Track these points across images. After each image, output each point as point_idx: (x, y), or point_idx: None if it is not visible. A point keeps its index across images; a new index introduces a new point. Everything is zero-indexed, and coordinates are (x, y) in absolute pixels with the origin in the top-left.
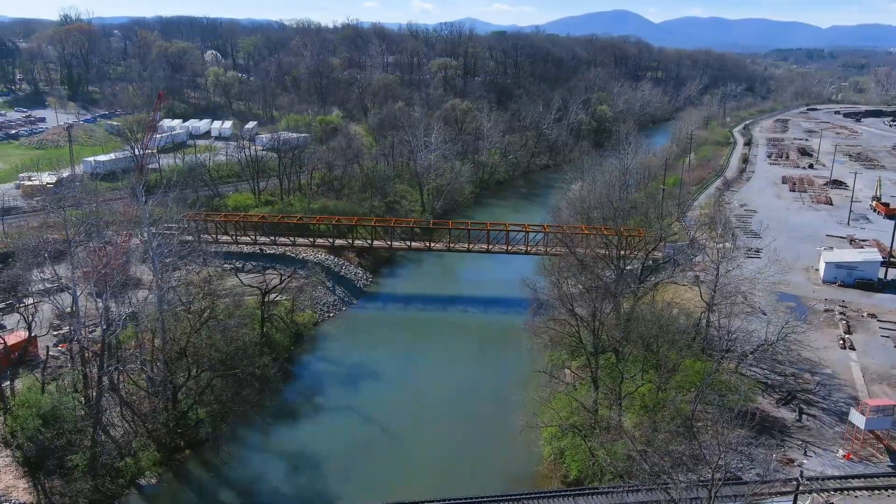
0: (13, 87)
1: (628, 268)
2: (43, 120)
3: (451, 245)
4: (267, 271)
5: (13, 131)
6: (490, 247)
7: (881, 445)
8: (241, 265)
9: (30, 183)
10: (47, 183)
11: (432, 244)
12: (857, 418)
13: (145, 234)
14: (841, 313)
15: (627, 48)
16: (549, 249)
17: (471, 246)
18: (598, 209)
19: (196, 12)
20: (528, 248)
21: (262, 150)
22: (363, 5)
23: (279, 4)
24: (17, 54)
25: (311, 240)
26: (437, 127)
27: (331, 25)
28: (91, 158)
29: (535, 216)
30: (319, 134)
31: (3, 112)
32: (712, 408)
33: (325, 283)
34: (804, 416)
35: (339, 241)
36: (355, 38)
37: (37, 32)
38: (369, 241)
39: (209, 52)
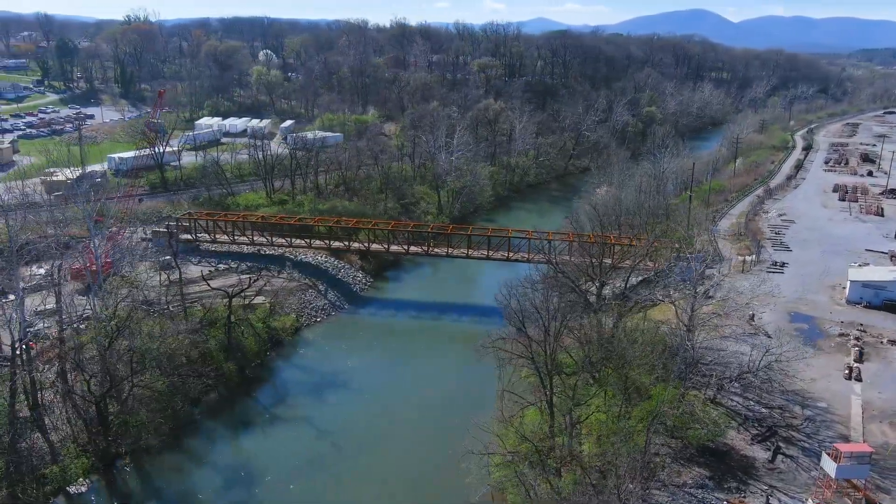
0: (70, 85)
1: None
2: (91, 117)
3: (451, 250)
4: (262, 272)
5: (59, 127)
6: (490, 253)
7: (860, 496)
8: (236, 265)
9: (50, 178)
10: (67, 178)
11: (431, 248)
12: (829, 464)
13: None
14: (856, 338)
15: (690, 48)
16: (550, 258)
17: (470, 252)
18: (614, 216)
19: (268, 13)
20: (531, 256)
21: (292, 149)
22: (435, 6)
23: (355, 4)
24: (76, 53)
25: (308, 241)
26: (459, 127)
27: (386, 24)
28: (115, 155)
29: (559, 222)
30: (353, 133)
31: (56, 109)
32: (676, 441)
33: (317, 286)
34: (779, 456)
35: (335, 244)
36: (401, 37)
37: (102, 32)
38: (366, 245)
39: (262, 51)
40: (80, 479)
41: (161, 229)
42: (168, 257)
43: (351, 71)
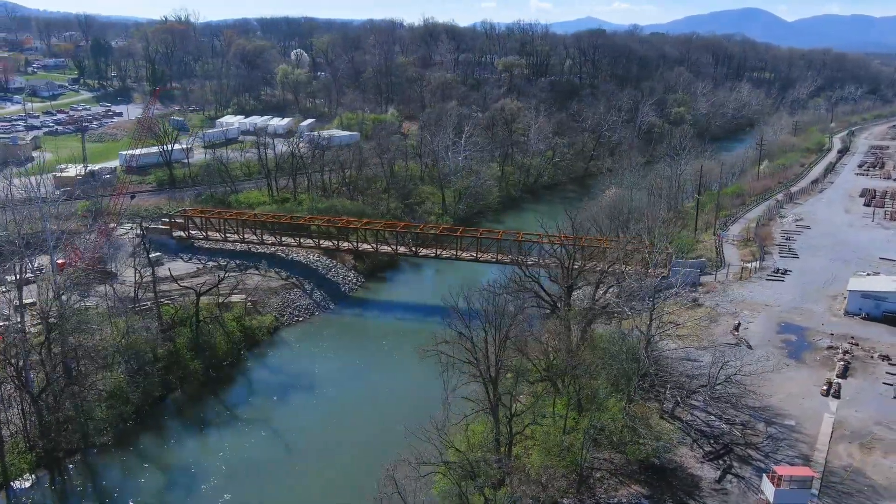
0: (104, 84)
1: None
2: (120, 114)
3: (440, 252)
4: (248, 271)
5: (84, 125)
6: (480, 255)
7: None
8: (225, 262)
9: (62, 174)
10: (77, 175)
11: (420, 250)
12: (768, 488)
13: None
14: (845, 352)
15: (730, 47)
16: (541, 260)
17: (460, 253)
18: (610, 219)
19: (307, 13)
20: (520, 258)
21: (294, 148)
22: (481, 5)
23: (397, 3)
24: (111, 52)
25: (297, 240)
26: (467, 126)
27: (417, 23)
28: (126, 152)
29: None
30: (370, 132)
31: (87, 106)
32: (620, 456)
33: (303, 285)
34: (728, 476)
35: (325, 243)
36: (427, 36)
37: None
38: (355, 244)
39: (295, 51)
40: (26, 475)
41: (157, 226)
42: (158, 254)
43: (376, 70)
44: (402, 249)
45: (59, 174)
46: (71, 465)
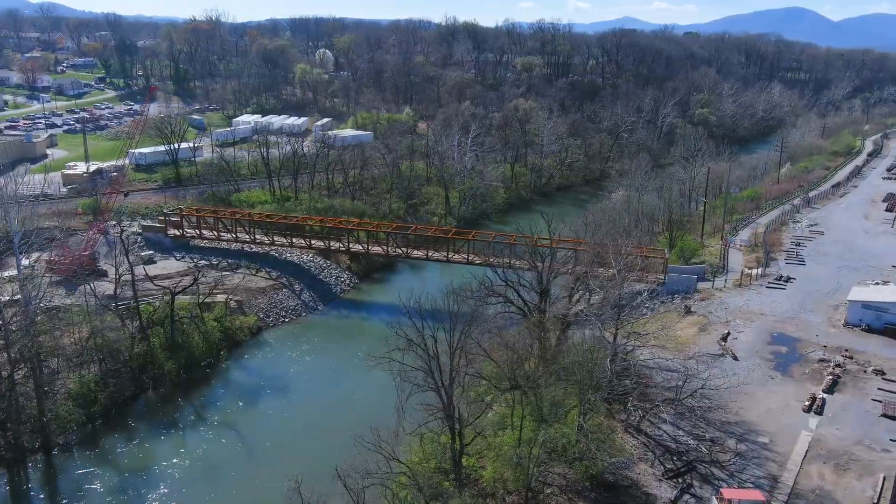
0: (129, 83)
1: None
2: (140, 113)
3: (430, 254)
4: (238, 270)
5: (103, 123)
6: (470, 258)
7: None
8: (217, 262)
9: (70, 172)
10: (84, 172)
11: (411, 251)
12: None
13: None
14: (837, 365)
15: (762, 46)
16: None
17: (450, 255)
18: (610, 222)
19: (335, 13)
20: (512, 261)
21: (294, 148)
22: (519, 6)
23: (437, 3)
24: (136, 52)
25: (290, 240)
26: (473, 126)
27: (442, 23)
28: (135, 150)
29: (571, 226)
30: (384, 132)
31: (110, 105)
32: (574, 471)
33: (293, 285)
34: (686, 496)
35: (316, 243)
36: (448, 36)
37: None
38: (347, 245)
39: (319, 50)
40: None
41: (153, 224)
42: (151, 252)
43: (395, 70)
44: (394, 251)
45: (67, 171)
46: (31, 465)
